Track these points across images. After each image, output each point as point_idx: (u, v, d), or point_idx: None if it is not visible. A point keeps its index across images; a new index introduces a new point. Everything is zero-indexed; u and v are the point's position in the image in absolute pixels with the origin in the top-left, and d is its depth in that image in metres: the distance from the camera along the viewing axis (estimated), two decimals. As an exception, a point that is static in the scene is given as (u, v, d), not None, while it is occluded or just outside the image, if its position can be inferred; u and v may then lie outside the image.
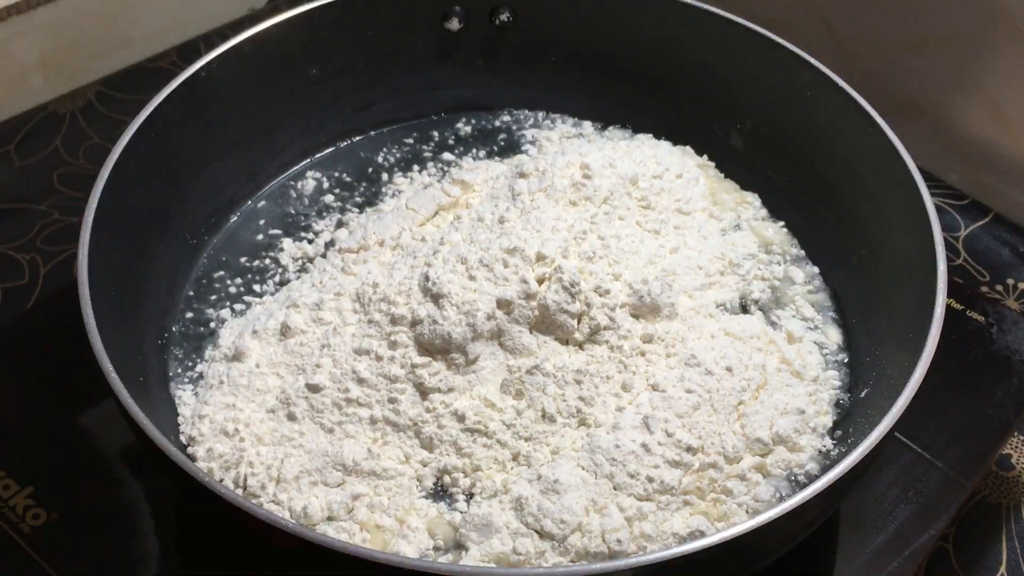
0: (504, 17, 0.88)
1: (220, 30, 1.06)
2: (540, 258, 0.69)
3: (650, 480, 0.61)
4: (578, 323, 0.68)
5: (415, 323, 0.66)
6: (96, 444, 0.73)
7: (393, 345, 0.66)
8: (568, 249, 0.70)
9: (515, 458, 0.64)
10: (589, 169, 0.76)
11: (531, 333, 0.67)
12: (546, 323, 0.67)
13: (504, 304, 0.67)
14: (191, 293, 0.76)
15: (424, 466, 0.64)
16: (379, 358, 0.66)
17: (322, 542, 0.49)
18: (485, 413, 0.64)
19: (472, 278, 0.67)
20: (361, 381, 0.65)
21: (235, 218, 0.82)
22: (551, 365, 0.66)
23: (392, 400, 0.64)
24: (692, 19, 0.83)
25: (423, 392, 0.65)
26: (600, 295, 0.68)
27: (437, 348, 0.65)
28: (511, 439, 0.64)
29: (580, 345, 0.68)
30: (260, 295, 0.76)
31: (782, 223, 0.82)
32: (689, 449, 0.62)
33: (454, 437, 0.64)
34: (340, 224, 0.82)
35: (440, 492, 0.64)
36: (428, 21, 0.87)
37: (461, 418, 0.64)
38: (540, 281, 0.68)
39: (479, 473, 0.63)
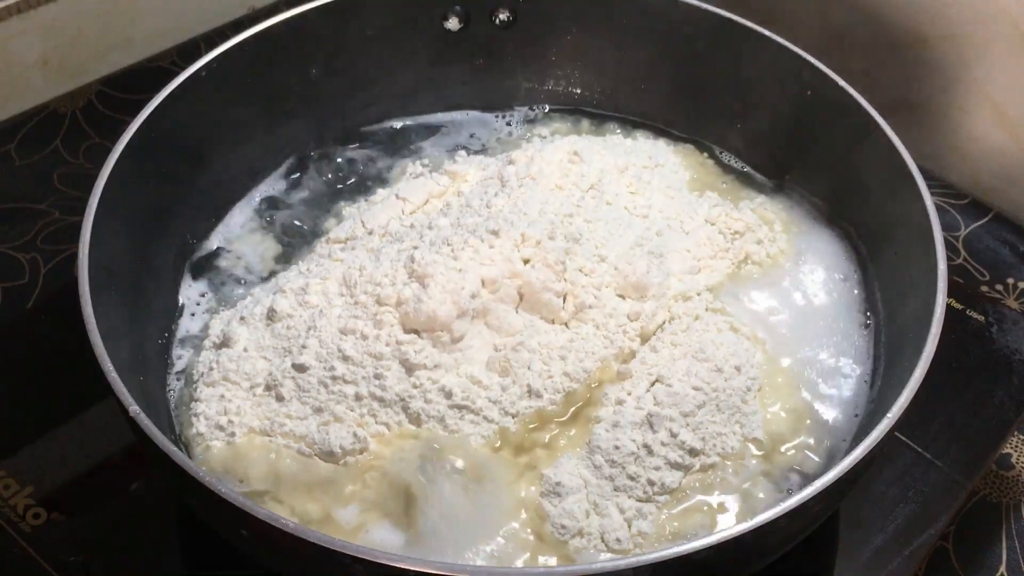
0: (504, 16, 0.88)
1: (220, 30, 1.06)
2: (525, 238, 0.69)
3: (651, 483, 0.61)
4: (563, 302, 0.68)
5: (400, 303, 0.66)
6: (96, 444, 0.73)
7: (379, 324, 0.65)
8: (555, 230, 0.70)
9: (502, 435, 0.64)
10: (578, 155, 0.76)
11: (516, 312, 0.67)
12: (531, 302, 0.67)
13: (489, 283, 0.67)
14: (191, 292, 0.76)
15: (415, 438, 0.63)
16: (364, 337, 0.65)
17: (326, 543, 0.49)
18: (472, 390, 0.64)
19: (457, 258, 0.67)
20: (346, 359, 0.64)
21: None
22: (536, 343, 0.66)
23: (378, 376, 0.64)
24: (692, 18, 0.83)
25: (409, 368, 0.64)
26: (585, 274, 0.68)
27: (422, 327, 0.65)
28: (498, 415, 0.64)
29: (566, 324, 0.68)
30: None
31: (781, 220, 0.81)
32: (692, 451, 0.62)
33: (441, 413, 0.63)
34: (332, 215, 0.82)
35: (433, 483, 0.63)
36: (428, 21, 0.87)
37: (448, 394, 0.63)
38: (525, 261, 0.68)
39: (463, 450, 0.63)
